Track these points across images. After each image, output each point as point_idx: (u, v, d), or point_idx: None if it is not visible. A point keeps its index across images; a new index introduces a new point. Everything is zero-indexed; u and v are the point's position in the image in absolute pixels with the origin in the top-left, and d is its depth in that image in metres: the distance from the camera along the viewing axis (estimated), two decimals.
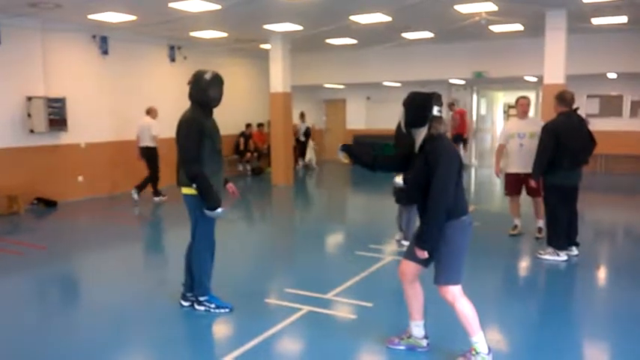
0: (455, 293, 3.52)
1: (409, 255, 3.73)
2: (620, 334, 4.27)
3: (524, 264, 6.48)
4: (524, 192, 7.19)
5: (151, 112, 10.81)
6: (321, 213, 10.82)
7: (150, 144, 10.49)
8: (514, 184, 7.18)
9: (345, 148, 3.93)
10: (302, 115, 16.72)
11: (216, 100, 4.52)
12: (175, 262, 4.89)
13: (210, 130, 4.48)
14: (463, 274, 3.57)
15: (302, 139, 16.68)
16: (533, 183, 6.36)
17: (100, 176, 11.18)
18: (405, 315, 3.89)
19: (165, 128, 11.97)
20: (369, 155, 3.95)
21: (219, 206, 4.40)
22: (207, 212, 4.39)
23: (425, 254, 3.46)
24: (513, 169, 7.15)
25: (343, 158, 3.91)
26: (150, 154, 10.49)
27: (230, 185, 4.89)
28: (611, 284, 5.74)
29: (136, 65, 12.00)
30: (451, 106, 14.69)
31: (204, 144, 4.40)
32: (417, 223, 3.76)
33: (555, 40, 9.87)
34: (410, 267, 3.70)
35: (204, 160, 4.40)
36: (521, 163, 6.97)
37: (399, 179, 3.93)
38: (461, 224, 3.49)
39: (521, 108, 7.17)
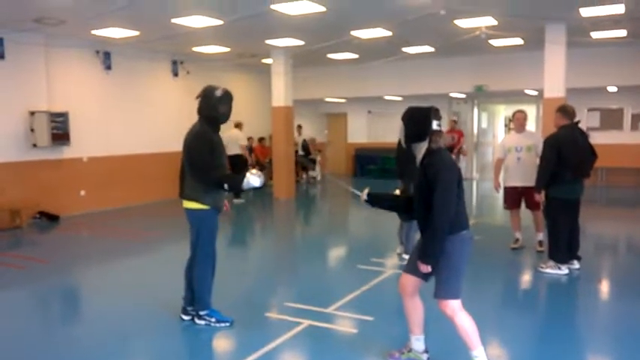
0: (454, 307, 3.51)
1: (409, 269, 3.73)
2: (621, 349, 4.25)
3: (525, 277, 6.46)
4: (524, 205, 7.20)
5: (239, 125, 12.57)
6: (323, 226, 10.82)
7: (238, 152, 12.22)
8: (513, 197, 7.19)
9: (369, 200, 3.87)
10: (299, 128, 16.22)
11: (226, 117, 4.58)
12: (176, 275, 4.89)
13: (217, 145, 4.53)
14: (462, 288, 3.57)
15: (300, 152, 16.04)
16: (537, 197, 6.35)
17: (103, 190, 11.21)
18: (405, 329, 3.88)
19: (167, 142, 12.10)
20: (391, 202, 4.05)
21: (243, 184, 4.40)
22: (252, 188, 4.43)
23: (428, 268, 3.46)
24: (512, 183, 7.17)
25: (370, 206, 3.91)
26: (238, 161, 11.93)
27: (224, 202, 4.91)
28: (613, 298, 5.72)
29: (138, 80, 12.09)
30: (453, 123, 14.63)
31: (213, 158, 4.44)
32: (417, 236, 3.77)
33: (555, 54, 9.93)
34: (410, 281, 3.70)
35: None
36: (520, 176, 6.99)
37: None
38: (461, 239, 3.49)
39: (517, 122, 7.21)
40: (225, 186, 4.44)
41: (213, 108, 4.48)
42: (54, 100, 10.19)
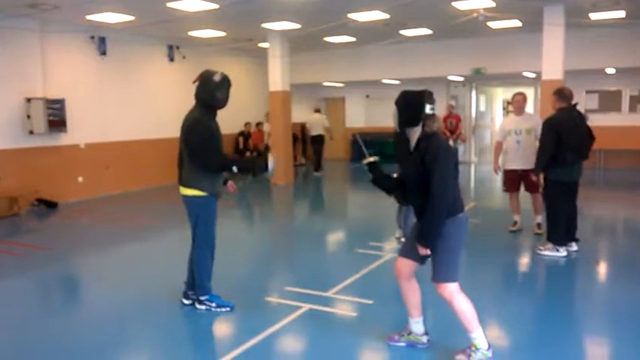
0: (452, 290, 3.53)
1: (405, 252, 3.75)
2: (620, 330, 4.28)
3: (524, 260, 6.49)
4: (523, 188, 7.21)
5: (319, 110, 15.48)
6: (321, 211, 10.83)
7: (321, 132, 14.69)
8: (513, 180, 7.20)
9: (370, 168, 3.83)
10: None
11: (224, 102, 4.52)
12: (176, 261, 4.91)
13: (215, 130, 4.50)
14: (460, 271, 3.58)
15: (267, 141, 14.74)
16: (534, 177, 6.37)
17: (100, 177, 11.19)
18: (405, 312, 3.90)
19: (164, 128, 12.05)
20: (388, 183, 3.88)
21: (265, 164, 4.49)
22: (265, 175, 4.52)
23: (427, 251, 3.47)
24: (511, 166, 7.17)
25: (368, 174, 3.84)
26: (321, 140, 14.73)
27: (230, 183, 4.90)
28: (611, 280, 5.75)
29: (134, 65, 12.01)
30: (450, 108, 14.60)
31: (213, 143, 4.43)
32: (414, 220, 3.77)
33: (553, 36, 9.86)
34: (406, 264, 3.71)
35: None
36: (519, 159, 6.99)
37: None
38: (457, 221, 3.50)
39: (516, 104, 7.18)
40: (234, 168, 4.45)
41: (211, 93, 4.44)
42: (50, 87, 10.12)
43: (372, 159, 3.83)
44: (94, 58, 11.05)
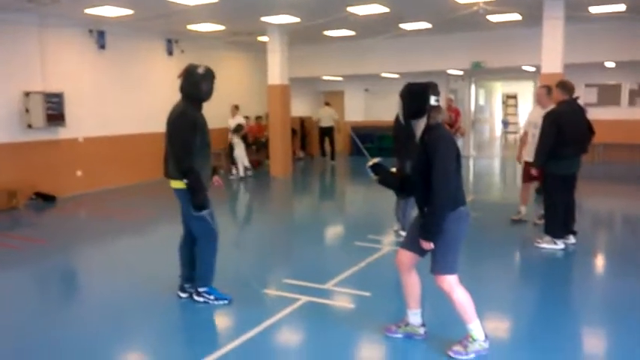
0: (451, 282, 3.53)
1: (406, 244, 3.75)
2: (616, 322, 4.30)
3: (521, 252, 6.51)
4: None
5: (329, 103, 16.29)
6: (320, 204, 10.84)
7: (332, 124, 15.64)
8: (526, 171, 7.22)
9: (374, 170, 3.82)
10: (236, 108, 13.18)
11: (208, 95, 4.53)
12: (173, 254, 4.90)
13: (201, 124, 4.49)
14: (459, 263, 3.58)
15: (230, 138, 12.97)
16: (533, 171, 6.36)
17: (99, 171, 11.18)
18: (402, 303, 3.91)
19: (162, 122, 11.98)
20: (393, 181, 3.87)
21: (206, 208, 4.44)
22: (193, 210, 4.42)
23: (431, 245, 3.46)
24: (526, 157, 7.21)
25: (372, 176, 3.83)
26: (331, 131, 15.70)
27: (216, 178, 4.86)
28: (608, 272, 5.77)
29: (133, 59, 11.98)
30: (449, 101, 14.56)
31: (196, 138, 4.41)
32: (414, 213, 3.77)
33: (553, 30, 9.85)
34: (407, 256, 3.72)
35: (195, 154, 4.41)
36: (531, 152, 6.96)
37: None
38: (458, 214, 3.49)
39: (536, 97, 7.16)
40: (185, 180, 4.35)
41: (196, 86, 4.45)
42: (48, 81, 10.09)
43: (375, 160, 3.83)
44: (92, 52, 11.02)
